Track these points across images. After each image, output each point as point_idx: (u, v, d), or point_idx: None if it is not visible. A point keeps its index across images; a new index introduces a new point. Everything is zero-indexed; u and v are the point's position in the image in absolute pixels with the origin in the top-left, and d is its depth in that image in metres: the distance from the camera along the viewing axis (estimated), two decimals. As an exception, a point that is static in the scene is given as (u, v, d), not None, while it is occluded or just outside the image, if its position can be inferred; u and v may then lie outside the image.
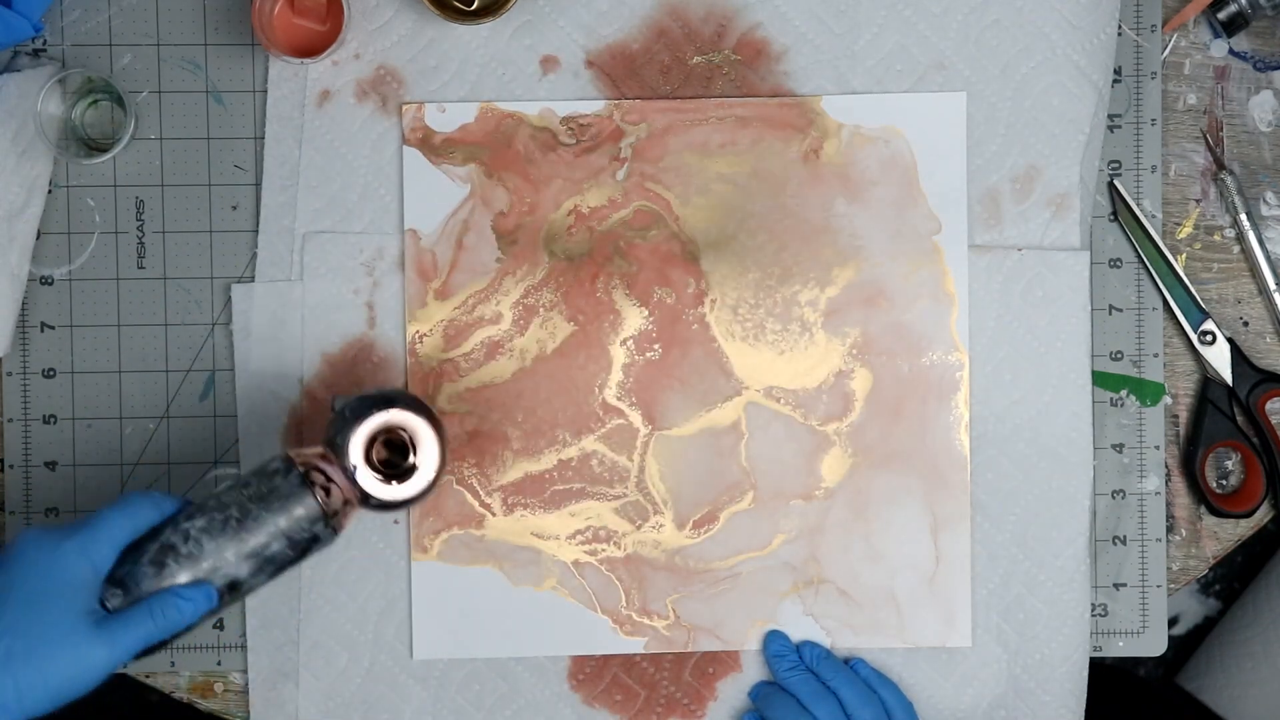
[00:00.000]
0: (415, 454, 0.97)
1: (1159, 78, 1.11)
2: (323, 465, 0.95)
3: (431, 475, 0.97)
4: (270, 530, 0.92)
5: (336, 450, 0.96)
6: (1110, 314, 1.11)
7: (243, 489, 0.93)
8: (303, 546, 0.93)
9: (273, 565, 0.93)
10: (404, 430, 0.97)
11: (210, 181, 1.10)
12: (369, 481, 0.96)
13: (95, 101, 1.09)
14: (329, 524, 0.94)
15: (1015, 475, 1.09)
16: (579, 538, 1.09)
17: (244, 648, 1.09)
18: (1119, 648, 1.12)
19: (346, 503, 0.95)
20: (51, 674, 0.86)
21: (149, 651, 0.91)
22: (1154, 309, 1.11)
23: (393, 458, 0.98)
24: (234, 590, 0.93)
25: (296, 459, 0.94)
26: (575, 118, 1.08)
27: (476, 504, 1.08)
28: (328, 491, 0.94)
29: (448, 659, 1.09)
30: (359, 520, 1.08)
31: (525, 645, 1.09)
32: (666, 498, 1.09)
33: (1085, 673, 1.09)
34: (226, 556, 0.92)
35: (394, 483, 0.96)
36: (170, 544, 0.91)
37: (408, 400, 0.97)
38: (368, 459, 0.96)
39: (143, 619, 0.89)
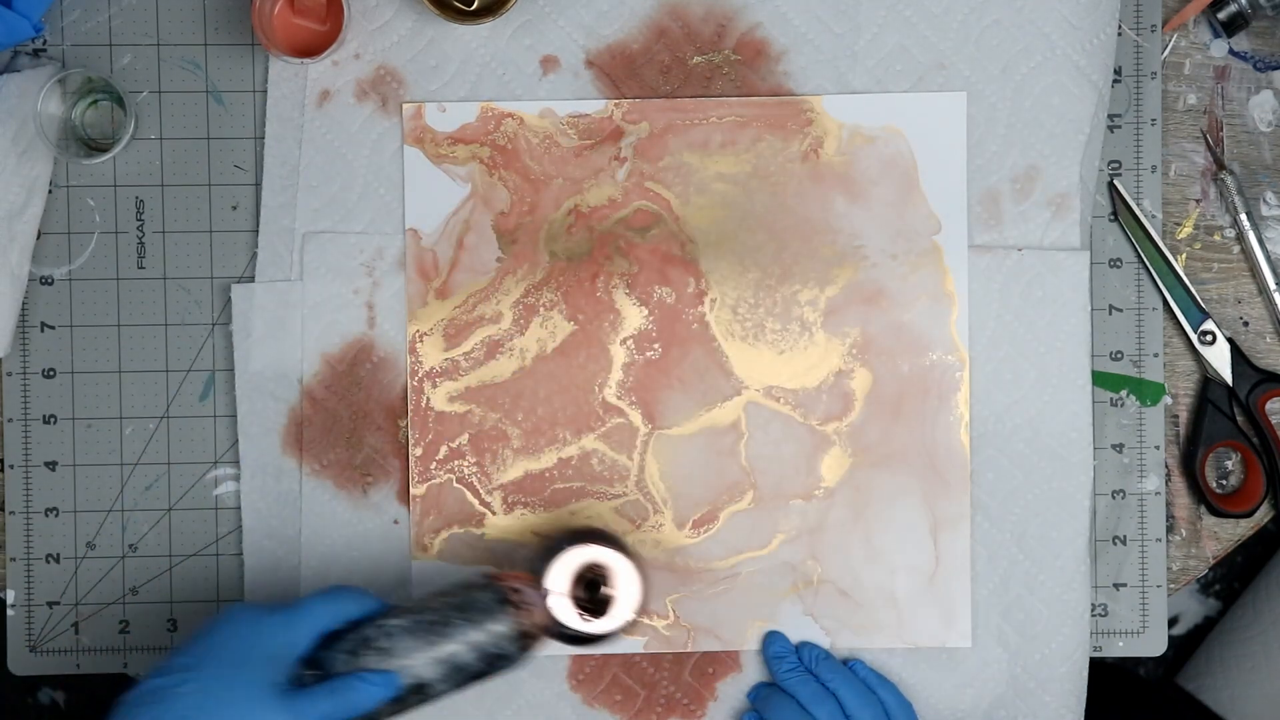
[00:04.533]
0: (613, 593, 1.00)
1: (1159, 78, 1.11)
2: (523, 588, 0.98)
3: (627, 616, 1.00)
4: (463, 640, 0.95)
5: (538, 577, 0.99)
6: (1110, 314, 1.11)
7: (444, 597, 0.97)
8: (491, 660, 0.96)
9: (460, 674, 0.96)
10: (606, 570, 1.00)
11: (210, 181, 1.10)
12: (563, 610, 0.99)
13: (95, 101, 1.09)
14: (520, 644, 0.97)
15: (1015, 475, 1.09)
16: (579, 537, 1.09)
17: (244, 648, 1.09)
18: (1119, 648, 1.12)
19: (541, 629, 0.98)
20: None
21: None
22: (1154, 309, 1.11)
23: (594, 598, 1.00)
24: (420, 692, 0.95)
25: (500, 577, 0.98)
26: (575, 117, 1.08)
27: (477, 503, 1.09)
28: (523, 613, 0.97)
29: (448, 659, 1.09)
30: (359, 522, 1.08)
31: (525, 645, 1.09)
32: (666, 497, 1.09)
33: (1085, 673, 1.09)
34: (417, 657, 0.94)
35: (588, 618, 0.99)
36: (367, 637, 0.94)
37: (613, 540, 1.01)
38: (572, 593, 0.99)
39: (325, 695, 0.92)
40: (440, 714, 1.08)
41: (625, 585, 1.00)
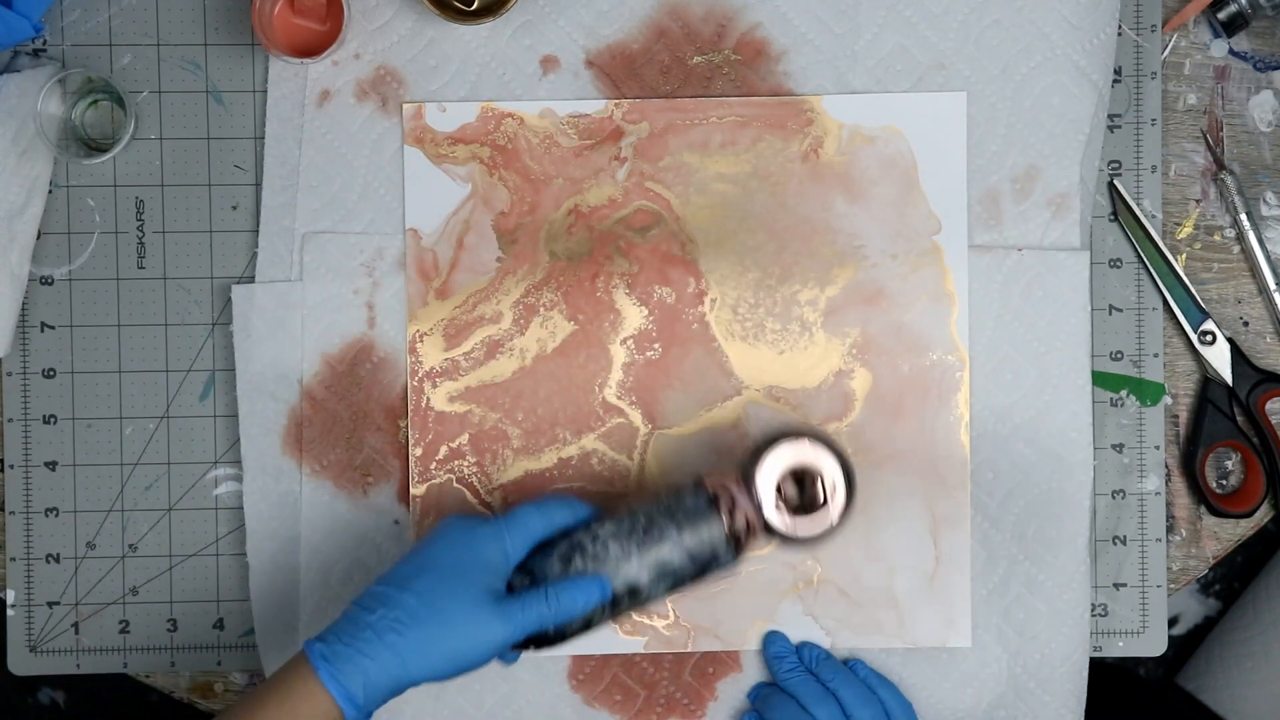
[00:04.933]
0: (825, 495, 0.98)
1: (1159, 78, 1.11)
2: (732, 490, 0.98)
3: (835, 517, 0.98)
4: (674, 543, 0.96)
5: (747, 479, 0.98)
6: (1110, 314, 1.11)
7: (653, 502, 0.98)
8: (703, 563, 0.97)
9: (672, 577, 0.97)
10: (817, 470, 0.98)
11: (210, 181, 1.10)
12: (772, 512, 0.98)
13: (95, 101, 1.09)
14: (731, 546, 0.97)
15: (1015, 475, 1.09)
16: (579, 537, 1.09)
17: (244, 648, 1.09)
18: (1119, 648, 1.12)
19: (751, 530, 0.98)
20: (451, 640, 0.93)
21: (546, 642, 0.96)
22: (1154, 309, 1.11)
23: (806, 497, 0.99)
24: (633, 596, 0.97)
25: (708, 481, 0.98)
26: (575, 117, 1.08)
27: (477, 503, 1.09)
28: (733, 515, 0.97)
29: (448, 659, 1.09)
30: (359, 522, 1.08)
31: (525, 645, 1.09)
32: (667, 497, 1.09)
33: (1085, 673, 1.09)
34: (630, 562, 0.96)
35: (798, 517, 0.98)
36: (579, 543, 0.97)
37: (822, 438, 0.99)
38: (781, 493, 0.98)
39: (538, 601, 0.95)
40: (440, 714, 1.08)
41: (834, 486, 0.98)
